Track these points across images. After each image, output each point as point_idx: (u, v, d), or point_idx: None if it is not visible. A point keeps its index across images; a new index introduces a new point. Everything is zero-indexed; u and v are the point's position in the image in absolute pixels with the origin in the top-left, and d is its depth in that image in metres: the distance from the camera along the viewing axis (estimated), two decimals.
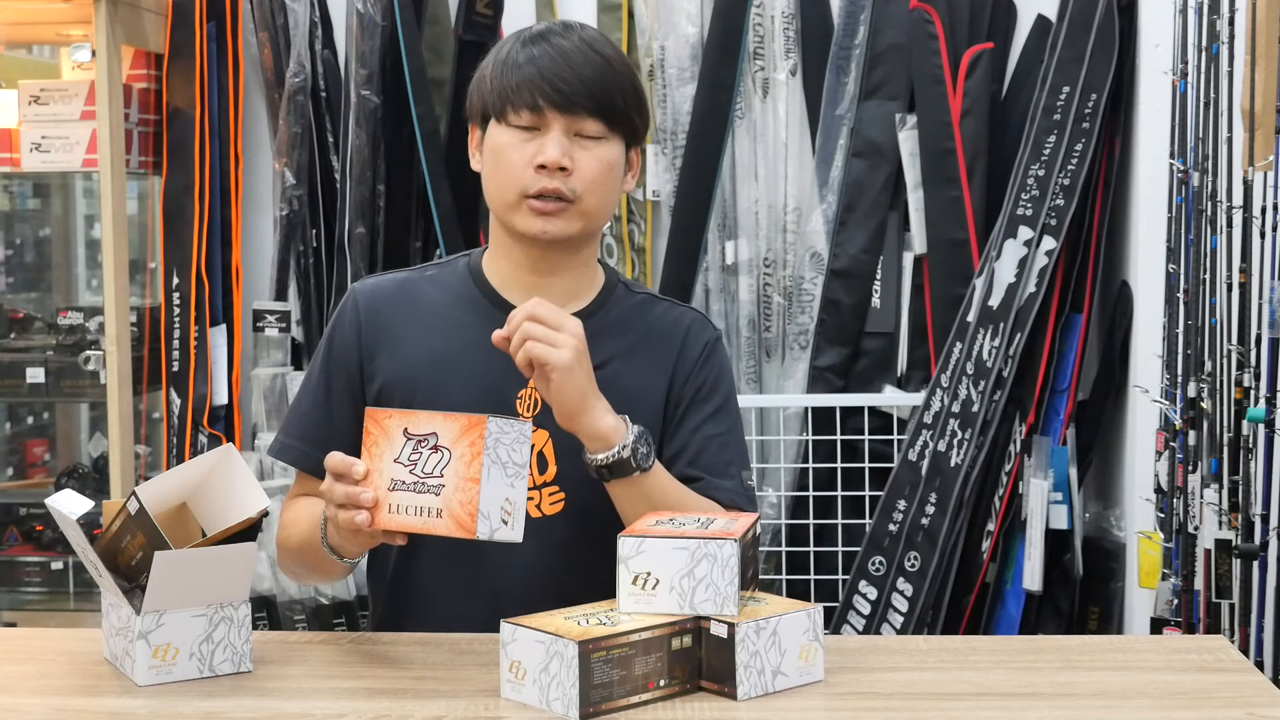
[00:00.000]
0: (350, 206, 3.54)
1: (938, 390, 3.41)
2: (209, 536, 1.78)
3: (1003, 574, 3.45)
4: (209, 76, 3.60)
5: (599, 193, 1.95)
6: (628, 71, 1.98)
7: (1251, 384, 2.59)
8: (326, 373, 2.04)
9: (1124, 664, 1.80)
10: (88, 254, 4.26)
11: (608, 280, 2.06)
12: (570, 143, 1.93)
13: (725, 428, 2.03)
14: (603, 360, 1.96)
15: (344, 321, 2.04)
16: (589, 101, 1.92)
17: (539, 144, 1.92)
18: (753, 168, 3.64)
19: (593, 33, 1.99)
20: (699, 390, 2.02)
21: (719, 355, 2.06)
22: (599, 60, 1.93)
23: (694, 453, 1.99)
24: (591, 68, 1.92)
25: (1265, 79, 2.48)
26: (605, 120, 1.93)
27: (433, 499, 1.68)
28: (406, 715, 1.61)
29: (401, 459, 1.70)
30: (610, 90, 1.93)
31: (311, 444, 2.03)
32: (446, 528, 1.66)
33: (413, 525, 1.69)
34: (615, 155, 1.96)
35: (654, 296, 2.10)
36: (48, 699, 1.70)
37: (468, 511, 1.65)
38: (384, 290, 2.05)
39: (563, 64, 1.92)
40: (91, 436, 4.08)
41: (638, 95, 1.99)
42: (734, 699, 1.63)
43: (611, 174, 1.96)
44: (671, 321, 2.05)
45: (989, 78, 3.50)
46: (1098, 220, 3.41)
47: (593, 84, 1.92)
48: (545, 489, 1.96)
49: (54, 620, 3.60)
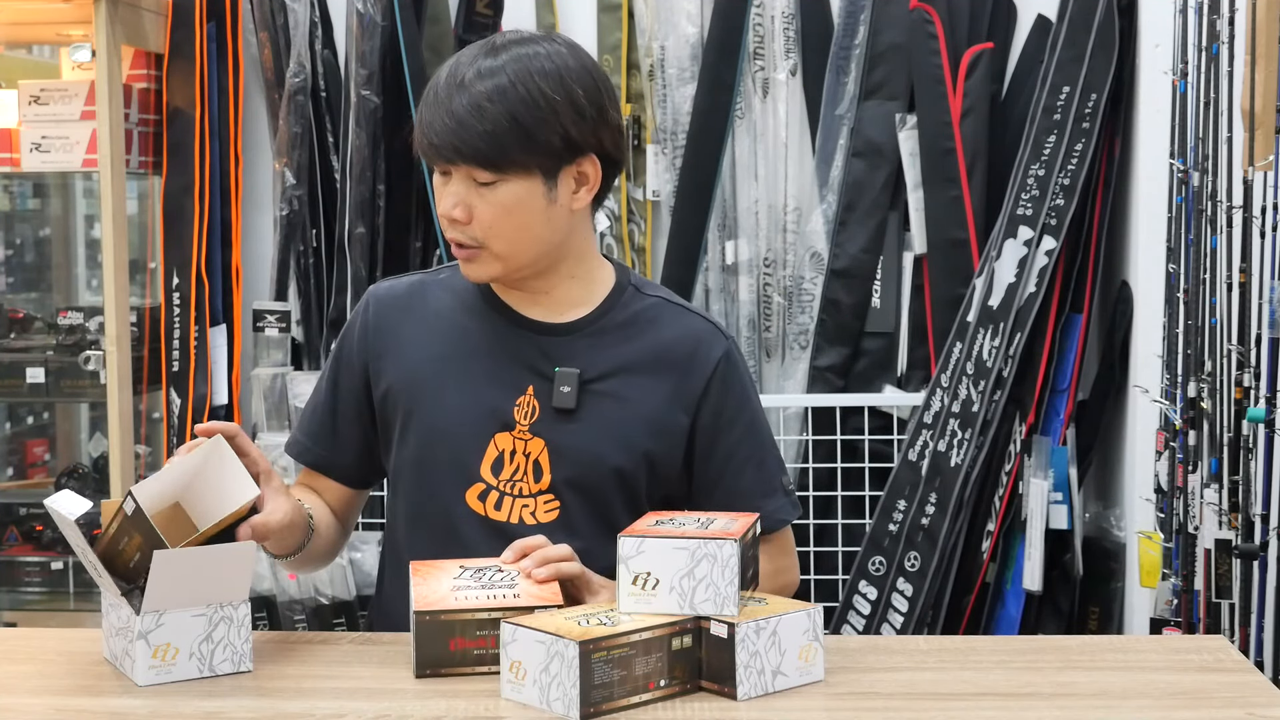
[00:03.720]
0: (350, 206, 3.54)
1: (938, 390, 3.41)
2: (202, 532, 1.78)
3: (1003, 574, 3.45)
4: (209, 76, 3.60)
5: (503, 237, 1.90)
6: (518, 103, 1.85)
7: (1251, 384, 2.59)
8: (334, 373, 2.07)
9: (1124, 664, 1.80)
10: (88, 254, 4.25)
11: (617, 282, 2.03)
12: (469, 189, 1.89)
13: (756, 445, 2.02)
14: (605, 371, 1.96)
15: (354, 324, 2.07)
16: (456, 155, 1.86)
17: (447, 189, 1.91)
18: (753, 168, 3.64)
19: (496, 63, 1.87)
20: (721, 414, 2.00)
21: (735, 370, 2.02)
22: (466, 106, 1.84)
23: (732, 478, 2.00)
24: (458, 118, 1.85)
25: (1265, 79, 2.48)
26: (485, 166, 1.87)
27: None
28: (406, 715, 1.61)
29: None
30: (475, 137, 1.84)
31: (316, 440, 2.08)
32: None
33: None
34: (517, 194, 1.88)
35: (666, 300, 2.05)
36: (48, 699, 1.70)
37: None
38: (395, 294, 2.07)
39: (436, 114, 1.87)
40: (91, 436, 4.08)
41: (540, 121, 1.86)
42: (734, 699, 1.63)
43: (515, 215, 1.89)
44: (679, 334, 2.01)
45: (989, 78, 3.50)
46: (1098, 220, 3.41)
47: (458, 135, 1.85)
48: (540, 497, 1.96)
49: (54, 620, 3.60)
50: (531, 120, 1.86)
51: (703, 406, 1.99)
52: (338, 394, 2.06)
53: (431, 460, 1.98)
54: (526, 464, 1.95)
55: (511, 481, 1.96)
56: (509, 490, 1.96)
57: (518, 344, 1.98)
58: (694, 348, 2.00)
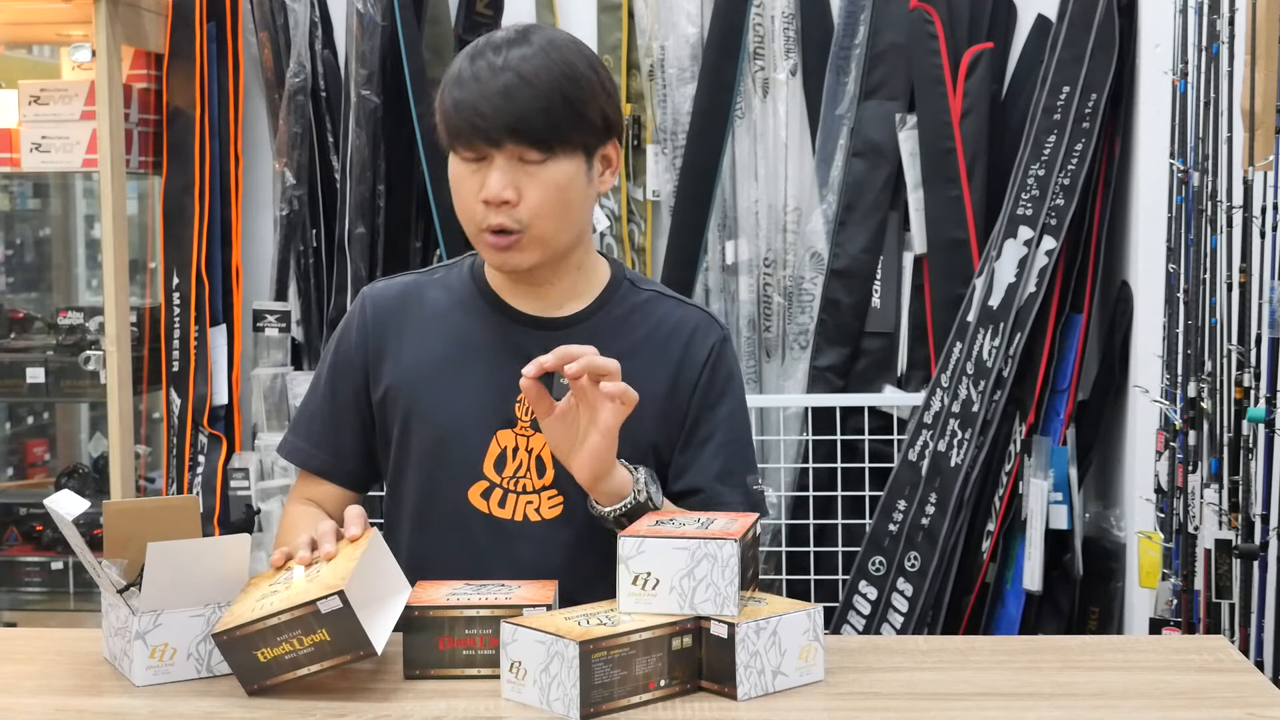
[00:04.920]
0: (350, 206, 3.54)
1: (938, 390, 3.41)
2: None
3: (1003, 574, 3.45)
4: (209, 76, 3.60)
5: (550, 217, 1.89)
6: (563, 79, 1.86)
7: (1251, 384, 2.59)
8: (333, 376, 2.06)
9: (1124, 664, 1.80)
10: (88, 254, 4.25)
11: (613, 276, 2.04)
12: (516, 170, 1.87)
13: (731, 435, 2.02)
14: None
15: (351, 325, 2.06)
16: (509, 134, 1.85)
17: (484, 175, 1.88)
18: (753, 168, 3.64)
19: (530, 46, 1.88)
20: (706, 399, 2.00)
21: (726, 358, 2.03)
22: (516, 82, 1.84)
23: (701, 465, 1.99)
24: (509, 94, 1.84)
25: (1265, 79, 2.48)
26: (537, 144, 1.86)
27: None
28: (406, 715, 1.61)
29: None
30: (532, 114, 1.84)
31: (318, 445, 2.07)
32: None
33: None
34: (567, 172, 1.89)
35: (660, 294, 2.06)
36: (48, 699, 1.70)
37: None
38: (390, 294, 2.06)
39: (479, 95, 1.85)
40: (91, 436, 4.08)
41: (585, 98, 1.88)
42: (734, 699, 1.63)
43: (565, 194, 1.89)
44: (676, 322, 2.02)
45: (989, 78, 3.50)
46: (1098, 220, 3.41)
47: (511, 113, 1.84)
48: (544, 493, 1.96)
49: (54, 620, 3.60)
50: (578, 97, 1.87)
51: (694, 386, 2.00)
52: (337, 397, 2.05)
53: (434, 459, 1.98)
54: (529, 460, 1.95)
55: (515, 478, 1.96)
56: (512, 487, 1.96)
57: (517, 340, 1.98)
58: (690, 335, 2.02)
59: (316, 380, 2.09)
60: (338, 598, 1.61)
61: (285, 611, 1.63)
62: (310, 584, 1.68)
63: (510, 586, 1.78)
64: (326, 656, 1.64)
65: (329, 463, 2.07)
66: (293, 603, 1.64)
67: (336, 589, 1.62)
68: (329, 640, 1.63)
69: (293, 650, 1.64)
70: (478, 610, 1.71)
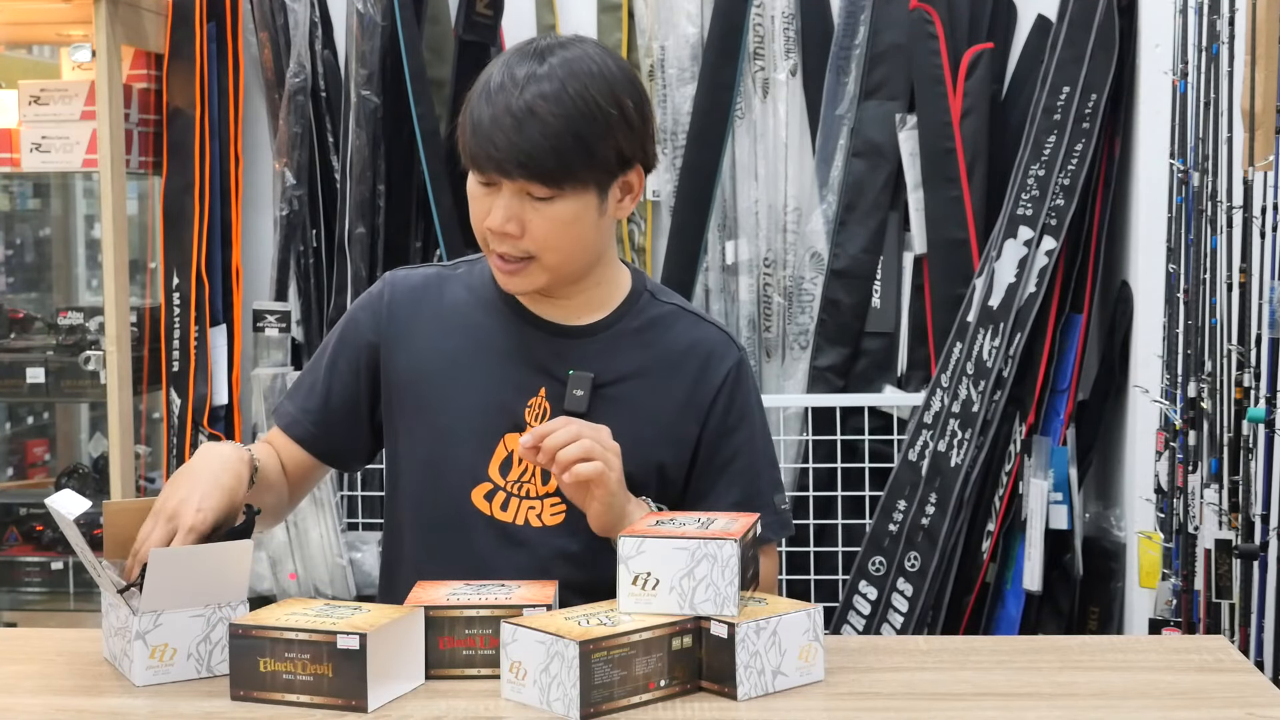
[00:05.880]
0: (350, 206, 3.54)
1: (938, 390, 3.41)
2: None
3: (1003, 574, 3.45)
4: (209, 76, 3.60)
5: (558, 248, 1.88)
6: (578, 116, 1.82)
7: (1251, 384, 2.59)
8: (337, 349, 2.05)
9: (1124, 664, 1.80)
10: (88, 254, 4.26)
11: (634, 287, 2.02)
12: (523, 204, 1.85)
13: (751, 460, 2.00)
14: (616, 376, 1.95)
15: (369, 304, 2.05)
16: (520, 170, 1.82)
17: (492, 202, 1.87)
18: (753, 168, 3.64)
19: (552, 75, 1.83)
20: (723, 425, 1.99)
21: (744, 382, 2.01)
22: (529, 116, 1.81)
23: (724, 489, 1.98)
24: (521, 127, 1.81)
25: (1265, 79, 2.48)
26: (545, 181, 1.83)
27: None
28: (406, 715, 1.61)
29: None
30: (541, 152, 1.81)
31: (304, 413, 2.05)
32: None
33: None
34: (574, 209, 1.86)
35: (680, 308, 2.04)
36: (48, 699, 1.70)
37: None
38: (412, 283, 2.05)
39: (494, 123, 1.82)
40: (91, 436, 4.08)
41: (599, 134, 1.84)
42: (734, 699, 1.63)
43: (571, 229, 1.87)
44: (692, 342, 2.00)
45: (989, 78, 3.50)
46: (1098, 220, 3.41)
47: (522, 149, 1.81)
48: (546, 500, 1.95)
49: (54, 620, 3.60)
50: (592, 134, 1.83)
51: (710, 416, 1.98)
52: (335, 371, 2.04)
53: (439, 458, 1.97)
54: (534, 466, 1.95)
55: (519, 482, 1.95)
56: (516, 491, 1.95)
57: (532, 344, 1.97)
58: (707, 357, 1.99)
59: (321, 350, 2.08)
60: (358, 638, 1.61)
61: (305, 631, 1.63)
62: (354, 621, 1.67)
63: (510, 587, 1.78)
64: (320, 693, 1.62)
65: (309, 432, 2.05)
66: (317, 627, 1.63)
67: (362, 631, 1.61)
68: (330, 677, 1.61)
69: (292, 672, 1.63)
70: (478, 610, 1.70)
